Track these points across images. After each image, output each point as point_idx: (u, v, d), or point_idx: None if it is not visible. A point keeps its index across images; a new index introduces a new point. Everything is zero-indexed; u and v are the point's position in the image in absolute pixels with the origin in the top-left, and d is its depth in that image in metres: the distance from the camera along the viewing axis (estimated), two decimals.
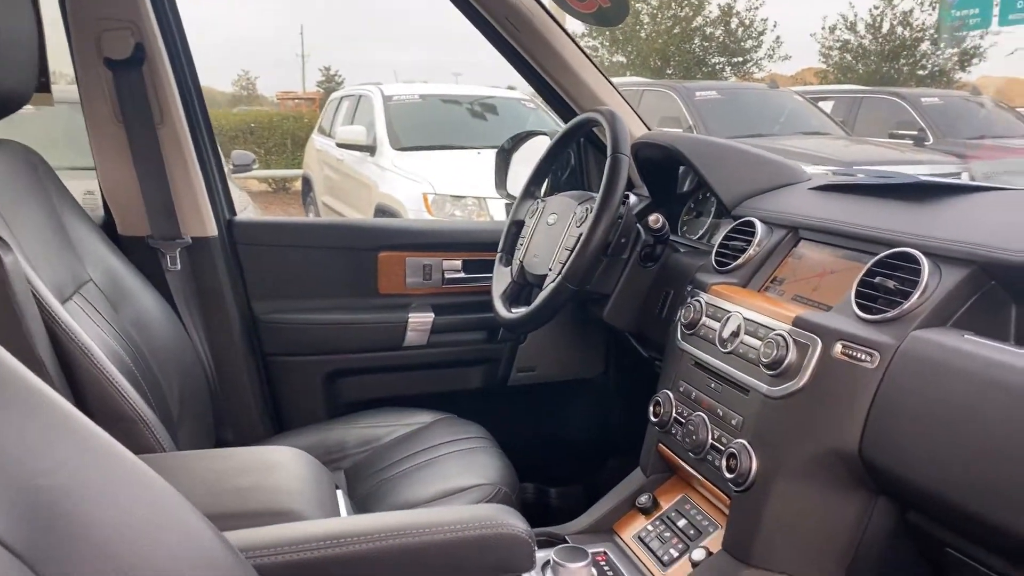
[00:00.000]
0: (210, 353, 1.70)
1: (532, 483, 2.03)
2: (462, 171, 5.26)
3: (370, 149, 5.86)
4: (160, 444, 1.11)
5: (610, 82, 1.80)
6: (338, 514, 1.09)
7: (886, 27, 17.64)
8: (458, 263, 1.94)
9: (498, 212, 4.95)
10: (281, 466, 1.07)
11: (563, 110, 1.85)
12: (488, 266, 1.89)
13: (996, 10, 15.78)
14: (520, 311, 1.56)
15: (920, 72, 17.56)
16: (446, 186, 5.08)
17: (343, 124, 6.65)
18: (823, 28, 18.51)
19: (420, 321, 1.88)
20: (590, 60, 1.78)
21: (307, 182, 7.83)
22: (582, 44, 1.82)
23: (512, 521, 0.84)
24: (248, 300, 1.78)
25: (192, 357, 1.59)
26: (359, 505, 1.44)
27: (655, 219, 1.51)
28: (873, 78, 17.01)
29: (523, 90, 6.98)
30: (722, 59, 19.00)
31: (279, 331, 1.80)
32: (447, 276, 1.93)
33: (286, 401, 1.83)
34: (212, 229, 1.72)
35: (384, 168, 5.62)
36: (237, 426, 1.73)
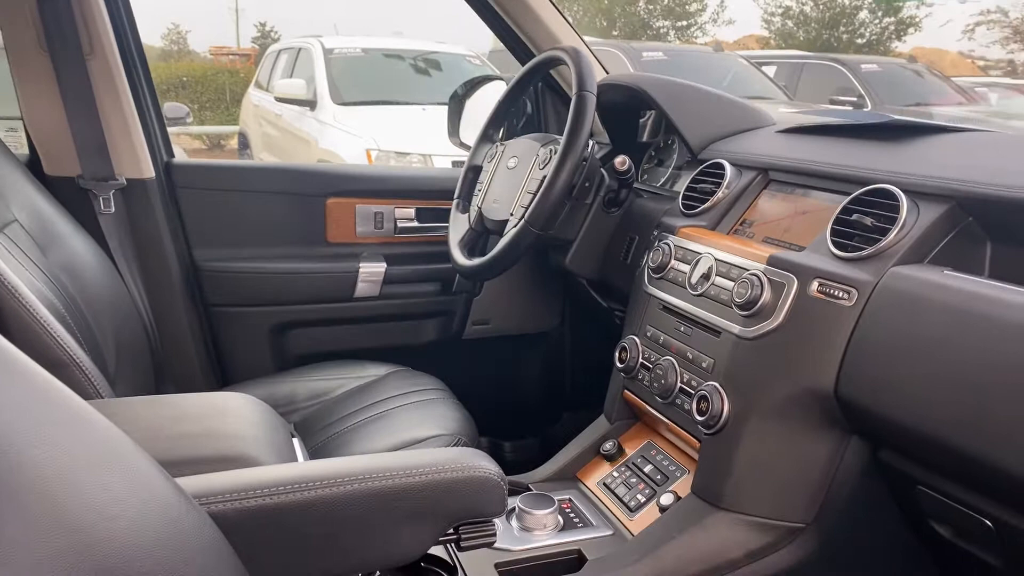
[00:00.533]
0: (148, 303, 1.60)
1: (486, 437, 1.99)
2: (406, 127, 5.14)
3: (310, 104, 5.67)
4: (99, 392, 1.03)
5: (569, 23, 1.73)
6: (295, 459, 1.02)
7: None
8: (411, 211, 1.86)
9: (444, 167, 4.86)
10: (233, 412, 1.00)
11: (521, 51, 1.78)
12: (443, 215, 1.82)
13: None
14: (480, 258, 1.50)
15: (858, 40, 17.89)
16: (390, 142, 4.95)
17: (282, 78, 6.41)
18: None
19: (371, 271, 1.81)
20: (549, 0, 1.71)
21: (243, 138, 7.56)
22: None
23: (484, 464, 0.80)
24: (189, 247, 1.68)
25: (129, 307, 1.49)
26: (312, 457, 1.38)
27: (622, 161, 1.46)
28: (814, 45, 17.26)
29: (466, 47, 6.84)
30: (667, 22, 19.02)
31: (222, 280, 1.71)
32: (400, 225, 1.86)
33: (231, 354, 1.74)
34: (149, 171, 1.61)
35: (325, 123, 5.44)
36: (179, 380, 1.64)
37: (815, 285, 1.00)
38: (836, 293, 0.97)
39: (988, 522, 0.87)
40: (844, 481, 1.03)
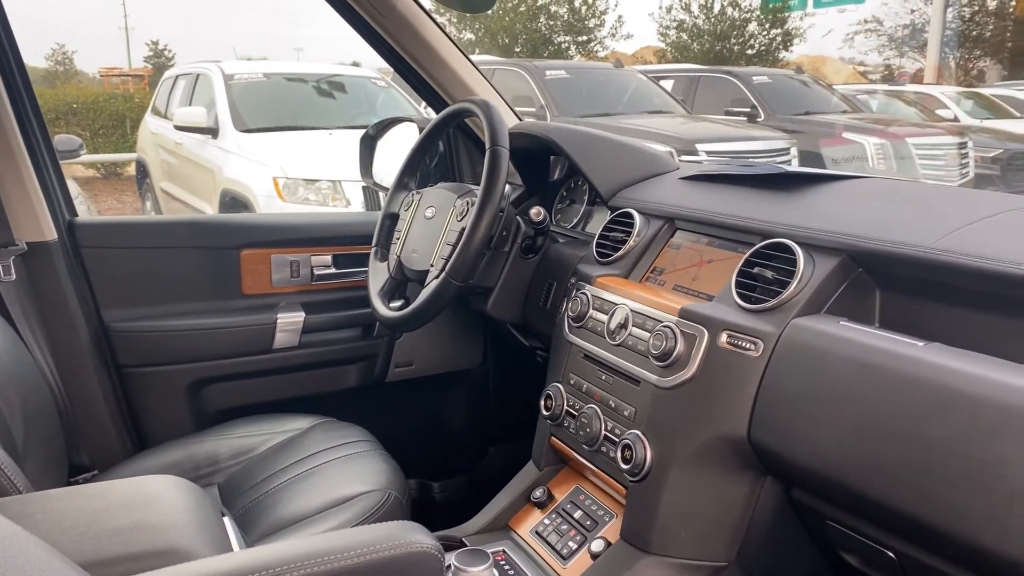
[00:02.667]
0: (56, 370, 1.54)
1: (414, 479, 2.00)
2: (314, 153, 5.08)
3: (212, 131, 5.53)
4: (12, 483, 0.99)
5: (480, 72, 1.77)
6: (229, 545, 1.01)
7: (717, 8, 18.66)
8: (328, 258, 1.86)
9: (354, 194, 4.83)
10: (161, 498, 0.98)
11: (433, 99, 1.80)
12: (360, 260, 1.82)
13: None
14: (401, 310, 1.51)
15: (749, 51, 18.73)
16: (298, 169, 4.88)
17: (180, 105, 6.23)
18: (660, 8, 19.35)
19: (289, 321, 1.79)
20: (459, 48, 1.74)
21: (142, 167, 7.29)
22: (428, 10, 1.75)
23: (419, 538, 0.82)
24: (97, 308, 1.63)
25: (36, 376, 1.43)
26: (240, 521, 1.36)
27: (537, 212, 1.51)
28: (707, 56, 17.96)
29: (370, 65, 6.82)
30: (567, 38, 19.41)
31: (134, 341, 1.66)
32: (316, 272, 1.85)
33: (147, 415, 1.69)
34: (50, 232, 1.55)
35: (229, 151, 5.32)
36: (93, 448, 1.58)
37: (724, 337, 1.06)
38: (744, 344, 1.04)
39: (891, 554, 0.95)
40: (761, 519, 1.09)
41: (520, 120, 1.86)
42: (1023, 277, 0.85)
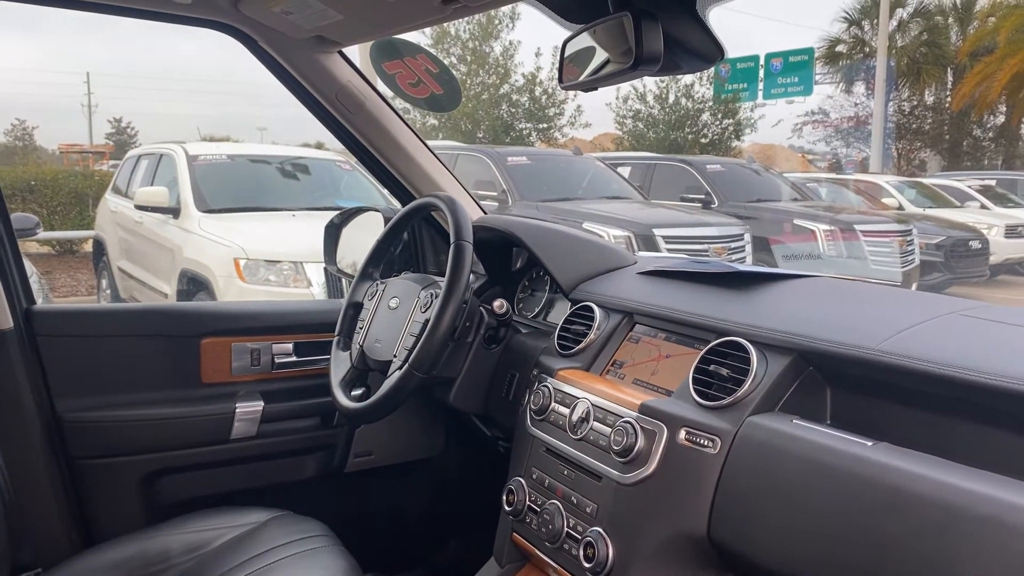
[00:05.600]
0: (3, 462, 1.49)
1: (372, 573, 1.95)
2: (276, 234, 5.09)
3: (174, 211, 5.53)
4: None
5: (445, 166, 1.83)
6: None
7: (672, 99, 19.43)
8: (289, 346, 1.85)
9: (317, 276, 4.83)
10: None
11: (399, 192, 1.85)
12: (321, 348, 1.82)
13: (761, 85, 18.02)
14: (362, 400, 1.51)
15: (703, 140, 19.45)
16: (259, 250, 4.88)
17: (142, 184, 6.23)
18: (617, 98, 20.03)
19: (248, 410, 1.77)
20: (425, 144, 1.80)
21: (99, 245, 7.21)
22: (394, 105, 1.81)
23: None
24: (51, 398, 1.60)
25: None
26: None
27: (500, 304, 1.54)
28: (663, 144, 18.60)
29: (335, 147, 6.92)
30: (528, 124, 19.98)
31: (88, 431, 1.62)
32: (277, 360, 1.84)
33: (98, 509, 1.64)
34: (6, 321, 1.53)
35: (190, 231, 5.31)
36: (39, 544, 1.53)
37: (683, 433, 1.09)
38: (702, 441, 1.06)
39: None
40: None
41: (484, 212, 1.91)
42: (961, 380, 0.90)
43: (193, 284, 5.08)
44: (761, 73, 17.78)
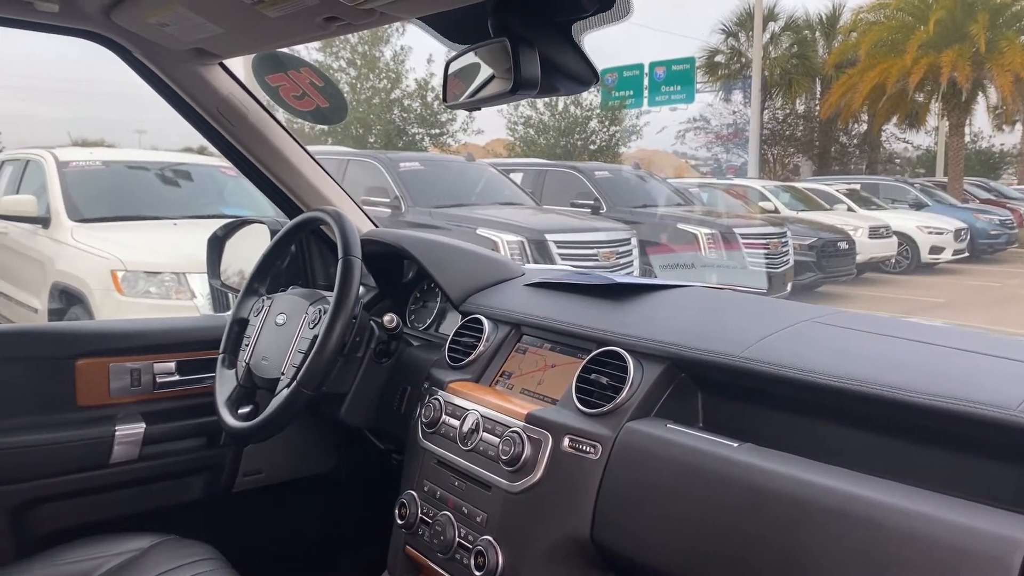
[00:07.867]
0: None
1: None
2: (156, 244, 4.89)
3: (43, 221, 5.21)
4: None
5: (333, 178, 1.82)
6: None
7: (561, 106, 19.84)
8: (172, 365, 1.79)
9: (201, 286, 4.66)
10: None
11: (285, 205, 1.82)
12: (206, 366, 1.77)
13: (646, 93, 18.66)
14: (249, 419, 1.49)
15: (591, 147, 19.96)
16: (138, 261, 4.67)
17: (6, 193, 5.85)
18: (508, 104, 20.24)
19: (129, 433, 1.70)
20: (311, 156, 1.79)
21: None
22: (279, 117, 1.78)
23: None
24: None
25: None
26: None
27: (390, 319, 1.55)
28: (553, 150, 18.99)
29: (218, 152, 6.69)
30: (421, 130, 19.94)
31: None
32: (159, 380, 1.78)
33: None
34: None
35: (61, 242, 5.02)
36: None
37: (567, 441, 1.14)
38: (584, 448, 1.11)
39: None
40: None
41: (374, 222, 1.91)
42: (814, 383, 0.98)
43: (66, 298, 4.81)
44: (646, 81, 18.42)
